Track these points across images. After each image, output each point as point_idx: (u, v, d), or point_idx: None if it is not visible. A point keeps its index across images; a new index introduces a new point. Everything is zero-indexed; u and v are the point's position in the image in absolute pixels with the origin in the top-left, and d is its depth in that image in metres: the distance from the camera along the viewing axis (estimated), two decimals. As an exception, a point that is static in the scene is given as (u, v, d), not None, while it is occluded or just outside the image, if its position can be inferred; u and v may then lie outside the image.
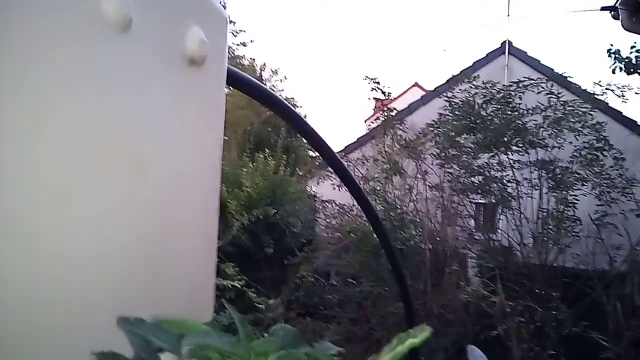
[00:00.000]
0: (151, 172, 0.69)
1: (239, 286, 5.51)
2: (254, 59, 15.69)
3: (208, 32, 0.78)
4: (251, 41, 15.74)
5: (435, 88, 7.76)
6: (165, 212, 0.70)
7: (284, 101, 1.21)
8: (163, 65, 0.73)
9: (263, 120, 11.77)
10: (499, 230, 5.85)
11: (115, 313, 0.52)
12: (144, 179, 0.67)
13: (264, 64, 16.67)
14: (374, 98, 6.34)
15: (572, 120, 5.19)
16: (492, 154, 5.35)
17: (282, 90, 16.13)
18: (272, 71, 16.62)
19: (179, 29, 0.74)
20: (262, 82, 15.00)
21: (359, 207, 6.08)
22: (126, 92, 0.67)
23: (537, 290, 4.71)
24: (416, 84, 12.06)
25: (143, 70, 0.69)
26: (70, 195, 0.57)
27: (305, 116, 16.14)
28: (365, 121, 9.13)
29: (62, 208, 0.56)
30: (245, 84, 1.04)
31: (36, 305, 0.54)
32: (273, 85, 14.96)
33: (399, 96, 9.21)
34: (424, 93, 8.73)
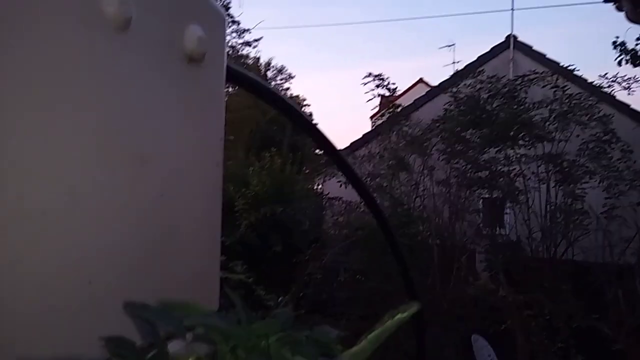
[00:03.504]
0: (153, 168, 0.71)
1: (247, 281, 5.54)
2: (258, 58, 15.73)
3: (206, 30, 0.80)
4: (255, 40, 15.78)
5: (440, 84, 7.75)
6: (168, 206, 0.72)
7: (286, 98, 1.23)
8: (162, 63, 0.74)
9: (269, 119, 11.80)
10: (506, 225, 5.84)
11: (121, 302, 0.53)
12: (146, 175, 0.69)
13: (269, 63, 16.71)
14: (379, 95, 6.34)
15: (579, 113, 5.17)
16: (499, 148, 5.35)
17: (288, 88, 16.18)
18: (277, 69, 16.66)
19: (178, 27, 0.75)
20: (267, 81, 15.02)
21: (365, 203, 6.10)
22: (126, 90, 0.69)
23: (545, 284, 4.70)
24: (421, 80, 12.02)
25: (143, 68, 0.71)
26: (74, 188, 0.59)
27: (311, 114, 16.14)
28: (371, 118, 9.11)
29: (67, 201, 0.58)
30: (246, 82, 1.05)
31: (44, 292, 0.56)
32: (278, 84, 14.99)
33: (404, 92, 9.19)
34: (429, 89, 8.71)
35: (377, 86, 6.19)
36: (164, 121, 0.74)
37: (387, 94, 6.32)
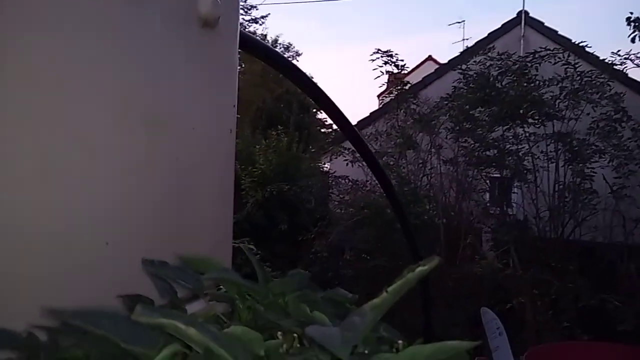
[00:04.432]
0: (168, 130, 0.70)
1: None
2: (265, 35, 15.59)
3: (220, -7, 0.79)
4: (262, 17, 15.63)
5: (450, 61, 7.64)
6: (183, 169, 0.71)
7: (299, 68, 1.21)
8: (177, 26, 0.73)
9: (275, 97, 11.74)
10: (514, 204, 5.82)
11: (137, 263, 0.53)
12: (162, 137, 0.69)
13: (276, 40, 16.57)
14: (387, 71, 6.27)
15: (590, 91, 5.09)
16: (508, 126, 5.29)
17: (295, 67, 16.09)
18: (284, 47, 16.52)
19: (192, -11, 0.74)
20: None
21: (372, 183, 6.11)
22: (141, 53, 0.68)
23: (552, 264, 4.69)
24: (430, 58, 11.87)
25: (157, 31, 0.70)
26: (95, 148, 0.59)
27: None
28: (378, 96, 9.03)
29: (87, 160, 0.58)
30: (259, 49, 1.04)
31: (64, 251, 0.56)
32: (285, 62, 14.88)
33: (412, 70, 9.09)
34: (438, 66, 8.61)
35: (385, 63, 6.12)
36: (177, 85, 0.73)
37: (396, 70, 6.26)
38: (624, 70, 5.52)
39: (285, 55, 15.60)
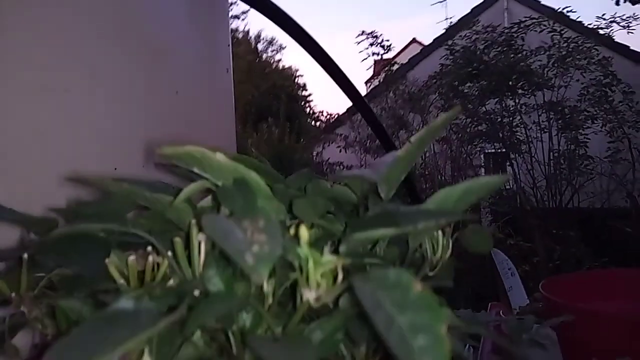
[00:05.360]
0: (166, 63, 0.68)
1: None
2: (247, 31, 15.47)
3: None
4: (243, 13, 15.51)
5: (435, 39, 7.62)
6: (182, 101, 0.69)
7: (299, 24, 1.16)
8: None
9: (263, 90, 11.69)
10: (510, 176, 5.82)
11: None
12: (160, 69, 0.67)
13: (259, 35, 16.46)
14: (373, 53, 6.25)
15: (578, 57, 5.09)
16: (498, 99, 5.29)
17: (280, 60, 15.98)
18: (267, 41, 16.40)
19: None
20: (258, 54, 14.82)
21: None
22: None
23: (553, 231, 4.71)
24: (414, 40, 11.83)
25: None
26: (95, 68, 0.57)
27: (304, 85, 15.97)
28: (365, 83, 9.01)
29: (89, 81, 0.56)
30: (265, 6, 1.00)
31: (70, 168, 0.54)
32: (269, 56, 14.77)
33: (398, 54, 9.06)
34: (423, 47, 8.58)
35: (371, 44, 6.10)
36: (173, 21, 0.71)
37: (382, 52, 6.24)
38: (611, 34, 5.52)
39: (270, 49, 15.47)
